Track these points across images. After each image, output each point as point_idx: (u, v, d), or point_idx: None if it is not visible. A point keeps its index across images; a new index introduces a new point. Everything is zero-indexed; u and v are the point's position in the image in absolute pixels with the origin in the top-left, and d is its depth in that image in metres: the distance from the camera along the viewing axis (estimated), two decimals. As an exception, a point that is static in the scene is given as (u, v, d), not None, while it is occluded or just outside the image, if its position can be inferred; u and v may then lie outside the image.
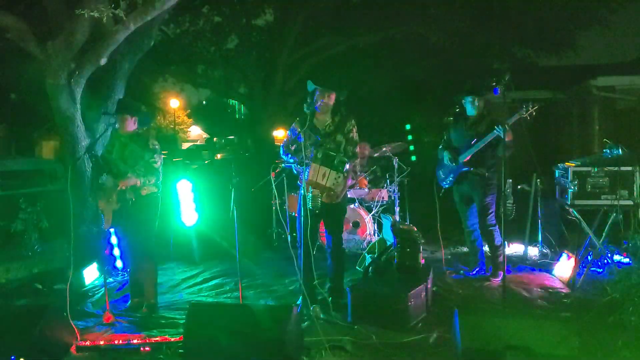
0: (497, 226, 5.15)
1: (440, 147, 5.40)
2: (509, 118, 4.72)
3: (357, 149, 4.51)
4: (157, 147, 4.61)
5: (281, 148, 4.63)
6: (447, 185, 5.31)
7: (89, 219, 5.66)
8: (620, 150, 4.95)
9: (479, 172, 5.06)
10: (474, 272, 5.33)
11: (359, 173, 6.31)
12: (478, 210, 5.19)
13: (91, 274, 5.49)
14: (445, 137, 5.43)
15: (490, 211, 5.15)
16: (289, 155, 4.54)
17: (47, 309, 3.75)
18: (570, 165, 4.90)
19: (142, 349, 3.75)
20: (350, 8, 12.39)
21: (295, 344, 3.50)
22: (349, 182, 4.50)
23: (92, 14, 4.68)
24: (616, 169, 4.67)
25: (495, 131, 4.79)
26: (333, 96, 4.42)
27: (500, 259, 4.89)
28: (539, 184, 5.74)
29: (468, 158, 5.06)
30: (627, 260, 5.09)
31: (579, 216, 4.90)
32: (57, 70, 5.32)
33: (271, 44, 13.93)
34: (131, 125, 4.61)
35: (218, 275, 5.69)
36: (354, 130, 4.47)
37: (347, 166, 4.28)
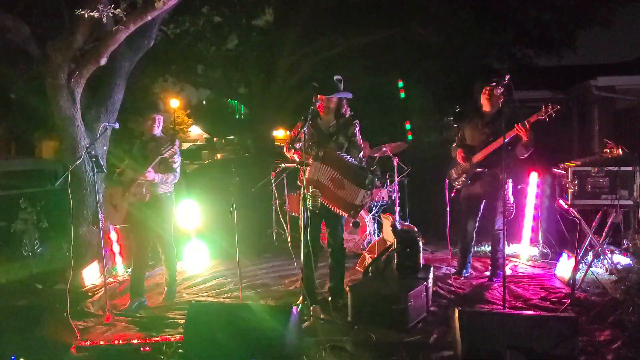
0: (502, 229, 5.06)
1: (454, 144, 5.22)
2: (526, 117, 4.56)
3: (362, 155, 4.50)
4: (177, 148, 4.65)
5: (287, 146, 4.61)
6: (459, 186, 5.14)
7: (89, 219, 5.66)
8: (620, 150, 4.94)
9: (493, 172, 4.87)
10: (465, 274, 5.29)
11: None
12: (488, 211, 5.06)
13: (91, 274, 5.49)
14: (459, 134, 5.24)
15: (499, 213, 5.01)
16: (293, 151, 4.50)
17: (47, 309, 3.76)
18: (570, 165, 4.89)
19: (142, 349, 3.75)
20: (350, 8, 12.40)
21: (295, 344, 3.49)
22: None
23: (92, 14, 4.67)
24: (616, 169, 4.66)
25: (515, 129, 4.56)
26: (333, 99, 4.39)
27: (501, 259, 4.87)
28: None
29: (482, 157, 4.88)
30: (627, 260, 5.08)
31: (578, 216, 4.89)
32: (57, 70, 5.31)
33: (271, 44, 13.93)
34: (157, 126, 4.70)
35: (218, 275, 5.69)
36: (358, 133, 4.44)
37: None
